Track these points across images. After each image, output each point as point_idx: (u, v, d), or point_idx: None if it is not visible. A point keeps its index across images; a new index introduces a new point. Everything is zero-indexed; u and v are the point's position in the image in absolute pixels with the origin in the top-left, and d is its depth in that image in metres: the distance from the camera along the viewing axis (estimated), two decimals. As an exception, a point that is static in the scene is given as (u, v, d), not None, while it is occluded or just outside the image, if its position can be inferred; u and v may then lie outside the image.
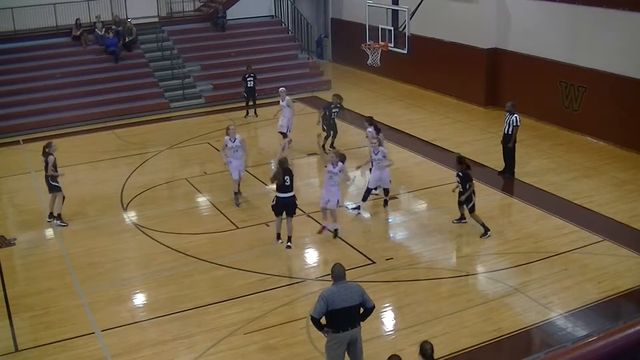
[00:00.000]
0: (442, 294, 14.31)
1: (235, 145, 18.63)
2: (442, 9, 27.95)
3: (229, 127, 18.85)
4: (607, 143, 22.38)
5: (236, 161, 18.68)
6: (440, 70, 28.92)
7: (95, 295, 14.57)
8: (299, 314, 13.55)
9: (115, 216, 18.71)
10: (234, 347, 12.64)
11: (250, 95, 27.58)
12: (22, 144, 25.21)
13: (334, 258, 15.19)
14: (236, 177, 18.82)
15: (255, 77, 27.35)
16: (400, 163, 21.65)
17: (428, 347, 9.32)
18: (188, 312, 13.80)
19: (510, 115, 19.64)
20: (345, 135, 23.89)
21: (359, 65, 30.72)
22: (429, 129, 24.99)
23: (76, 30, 30.19)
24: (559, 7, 23.56)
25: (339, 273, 10.50)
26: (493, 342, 12.54)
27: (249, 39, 32.78)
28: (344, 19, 35.13)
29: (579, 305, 13.56)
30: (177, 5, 33.34)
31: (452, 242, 16.65)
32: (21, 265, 16.42)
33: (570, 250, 15.69)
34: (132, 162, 22.65)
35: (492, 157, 21.00)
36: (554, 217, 17.47)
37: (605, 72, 22.20)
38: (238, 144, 18.66)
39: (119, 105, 28.15)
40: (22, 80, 28.18)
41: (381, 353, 11.85)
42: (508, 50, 26.17)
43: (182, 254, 16.24)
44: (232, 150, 18.60)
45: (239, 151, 18.71)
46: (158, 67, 30.40)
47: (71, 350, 12.74)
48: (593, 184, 19.57)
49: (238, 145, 18.66)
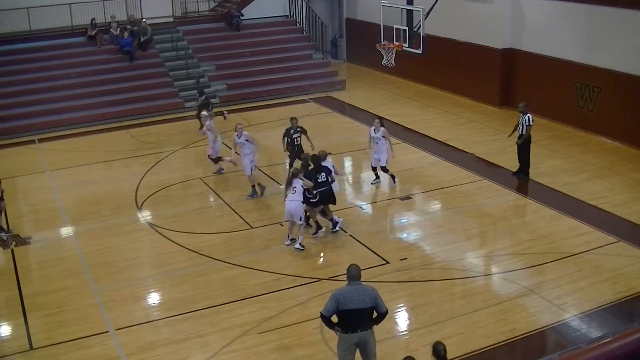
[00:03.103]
0: (456, 294, 14.27)
1: (241, 142, 19.24)
2: (457, 9, 27.88)
3: (237, 125, 19.59)
4: (622, 143, 22.26)
5: (244, 157, 19.26)
6: (454, 70, 28.85)
7: (109, 294, 14.63)
8: (313, 314, 13.51)
9: (129, 215, 18.77)
10: (247, 347, 12.65)
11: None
12: (37, 143, 25.34)
13: (348, 258, 15.20)
14: (248, 173, 19.35)
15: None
16: (414, 163, 21.68)
17: (441, 348, 9.30)
18: (202, 312, 13.83)
19: (523, 116, 19.59)
20: (358, 135, 23.86)
21: (374, 65, 30.70)
22: (444, 129, 24.94)
23: (91, 30, 30.30)
24: (574, 7, 23.45)
25: (354, 274, 10.50)
26: (507, 343, 12.49)
27: (263, 39, 32.81)
28: (358, 18, 35.10)
29: (594, 306, 13.49)
30: (192, 5, 33.37)
31: (466, 242, 16.59)
32: (36, 264, 16.51)
33: (584, 251, 15.61)
34: (147, 162, 22.71)
35: (507, 157, 20.91)
36: (568, 217, 17.40)
37: (621, 72, 22.08)
38: (243, 141, 19.19)
39: (133, 105, 28.25)
40: (38, 80, 28.33)
41: (395, 353, 11.85)
42: (523, 51, 26.07)
43: (196, 253, 16.28)
44: (240, 146, 19.37)
45: (246, 147, 19.17)
46: (173, 67, 30.48)
47: (85, 349, 12.79)
48: (608, 184, 19.47)
49: (243, 142, 19.20)
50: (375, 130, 19.37)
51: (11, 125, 26.49)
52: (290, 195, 15.99)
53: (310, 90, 30.50)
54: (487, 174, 20.15)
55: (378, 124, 19.51)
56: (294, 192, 15.96)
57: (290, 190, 16.01)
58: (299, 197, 16.04)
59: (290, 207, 16.06)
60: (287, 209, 16.19)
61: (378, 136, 19.26)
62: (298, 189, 15.97)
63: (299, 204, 16.07)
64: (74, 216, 18.78)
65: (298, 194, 15.99)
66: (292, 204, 16.01)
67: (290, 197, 16.00)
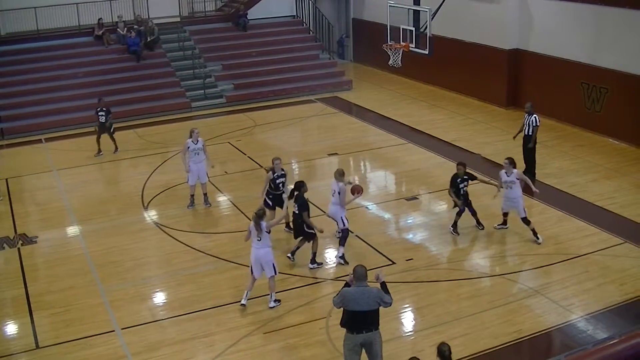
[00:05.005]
0: (462, 295, 14.25)
1: (197, 148, 18.44)
2: (464, 9, 27.85)
3: (193, 130, 18.62)
4: (629, 144, 22.21)
5: (195, 165, 18.48)
6: (461, 71, 28.82)
7: (115, 294, 14.66)
8: (318, 314, 13.55)
9: (135, 215, 18.79)
10: (253, 347, 12.66)
11: (102, 130, 23.17)
12: (44, 142, 25.38)
13: (354, 258, 15.20)
14: (192, 183, 18.66)
15: (108, 111, 23.18)
16: (421, 164, 21.68)
17: (445, 349, 9.30)
18: (208, 311, 13.84)
19: (530, 116, 19.54)
20: (366, 135, 23.86)
21: (380, 65, 30.72)
22: (450, 129, 24.91)
23: (98, 29, 30.34)
24: (581, 7, 23.40)
25: (361, 274, 10.54)
26: (513, 344, 12.48)
27: (270, 39, 32.82)
28: (365, 19, 35.07)
29: (600, 307, 13.47)
30: (199, 5, 33.40)
31: (472, 243, 16.57)
32: (42, 263, 16.53)
33: (591, 252, 15.59)
34: (153, 162, 22.73)
35: (514, 158, 20.83)
36: (575, 218, 17.37)
37: (628, 73, 22.03)
38: (200, 147, 18.49)
39: (140, 105, 28.28)
40: (45, 80, 28.38)
41: (401, 354, 11.86)
42: (529, 51, 26.03)
43: (202, 253, 16.30)
44: (194, 153, 18.37)
45: (200, 154, 18.52)
46: (179, 67, 30.49)
47: (91, 348, 12.82)
48: (615, 185, 19.43)
49: (200, 148, 18.48)
50: (508, 173, 16.22)
51: (18, 124, 26.56)
52: (256, 242, 13.62)
53: (317, 91, 30.48)
54: (493, 175, 20.06)
55: (508, 164, 16.32)
56: (259, 239, 13.57)
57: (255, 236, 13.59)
58: (268, 243, 13.74)
59: (258, 255, 13.66)
60: (254, 257, 13.70)
61: (512, 179, 16.19)
62: (263, 236, 13.56)
63: (269, 250, 13.77)
64: (80, 215, 18.81)
65: (265, 240, 13.64)
66: (261, 252, 13.64)
67: (257, 245, 13.63)
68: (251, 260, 13.74)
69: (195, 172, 18.55)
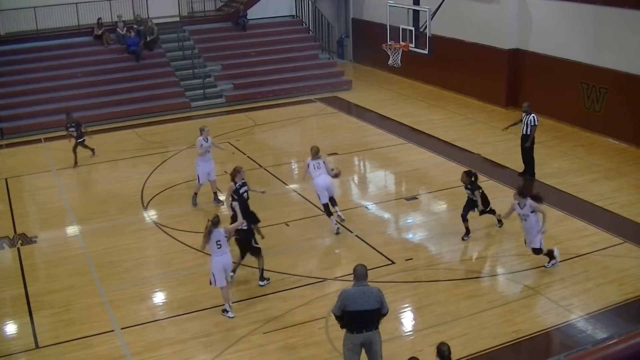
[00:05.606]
0: (461, 295, 14.24)
1: (208, 146, 18.59)
2: (463, 9, 27.85)
3: (203, 127, 18.75)
4: (628, 144, 22.21)
5: (205, 164, 18.61)
6: (461, 70, 28.82)
7: (115, 294, 14.66)
8: (318, 314, 13.54)
9: (135, 215, 18.79)
10: (252, 347, 12.66)
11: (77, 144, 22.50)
12: (44, 142, 25.37)
13: (354, 258, 15.20)
14: (202, 181, 18.78)
15: (78, 124, 22.50)
16: (420, 163, 21.68)
17: (445, 349, 9.30)
18: (207, 311, 13.84)
19: (528, 115, 19.53)
20: (366, 135, 23.85)
21: (380, 65, 30.72)
22: (450, 129, 24.91)
23: (98, 29, 30.34)
24: (581, 7, 23.40)
25: (361, 273, 10.51)
26: (512, 344, 12.48)
27: (269, 39, 32.83)
28: (364, 19, 35.07)
29: (600, 307, 13.46)
30: (198, 4, 33.42)
31: (472, 243, 16.55)
32: (42, 263, 16.54)
33: (591, 252, 15.58)
34: (153, 161, 22.73)
35: (513, 158, 20.87)
36: (574, 218, 17.36)
37: (628, 73, 22.02)
38: (210, 145, 18.65)
39: (139, 104, 28.28)
40: (44, 79, 28.38)
41: (400, 353, 11.85)
42: (529, 51, 26.03)
43: (201, 252, 16.24)
44: (205, 151, 18.49)
45: (210, 152, 18.66)
46: (179, 67, 30.50)
47: (91, 348, 12.82)
48: (614, 185, 19.42)
49: (209, 145, 18.63)
50: (521, 205, 14.51)
51: (18, 124, 26.58)
52: (216, 249, 13.45)
53: (316, 91, 30.49)
54: (493, 175, 20.10)
55: (519, 197, 14.58)
56: (219, 247, 13.43)
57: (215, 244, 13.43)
58: (228, 249, 13.66)
59: (224, 262, 13.54)
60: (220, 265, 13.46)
61: (526, 212, 14.48)
62: (223, 242, 13.49)
63: (229, 255, 13.72)
64: (80, 215, 18.81)
65: (225, 246, 13.54)
66: (225, 257, 13.54)
67: (217, 252, 13.47)
68: (214, 270, 13.39)
69: (205, 170, 18.63)
